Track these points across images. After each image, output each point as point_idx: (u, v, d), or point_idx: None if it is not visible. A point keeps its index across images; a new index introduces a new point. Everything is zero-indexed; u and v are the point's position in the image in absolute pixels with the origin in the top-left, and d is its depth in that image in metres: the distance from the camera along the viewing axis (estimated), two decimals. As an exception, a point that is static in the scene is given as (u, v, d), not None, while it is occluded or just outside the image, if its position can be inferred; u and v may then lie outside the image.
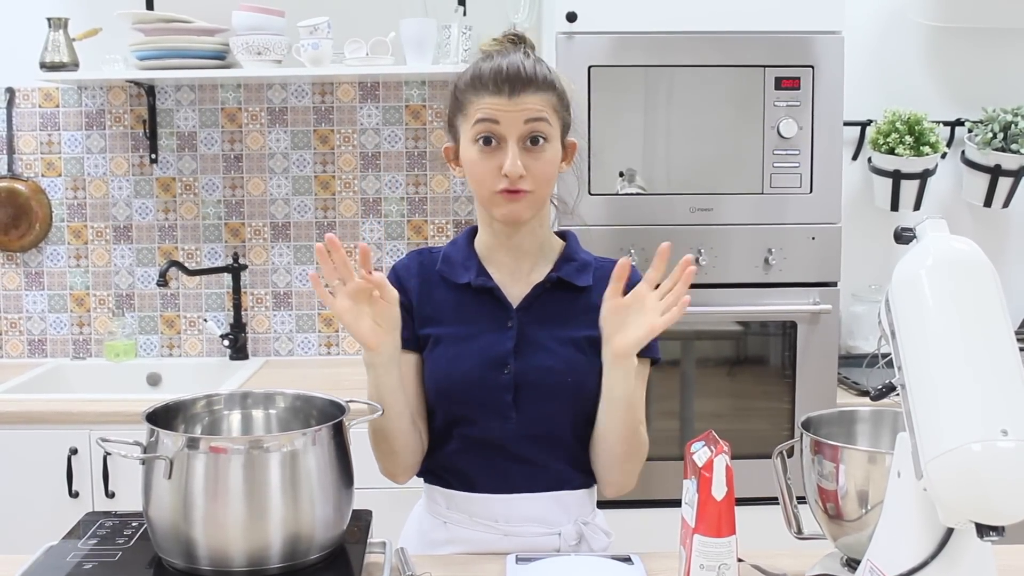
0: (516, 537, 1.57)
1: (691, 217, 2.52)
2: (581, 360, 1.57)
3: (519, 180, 1.50)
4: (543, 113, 1.51)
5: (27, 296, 3.15)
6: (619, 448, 1.56)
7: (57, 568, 1.34)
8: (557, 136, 1.55)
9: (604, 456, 1.58)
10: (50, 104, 3.09)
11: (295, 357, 3.18)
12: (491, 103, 1.50)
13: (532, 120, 1.50)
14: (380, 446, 1.58)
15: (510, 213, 1.53)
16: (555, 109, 1.54)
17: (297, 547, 1.33)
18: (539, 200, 1.55)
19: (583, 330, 1.58)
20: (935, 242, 1.17)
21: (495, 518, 1.58)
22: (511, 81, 1.50)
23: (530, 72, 1.52)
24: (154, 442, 1.34)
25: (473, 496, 1.59)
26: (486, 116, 1.51)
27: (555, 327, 1.59)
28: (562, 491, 1.60)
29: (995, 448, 1.02)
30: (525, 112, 1.50)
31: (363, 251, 1.43)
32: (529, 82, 1.51)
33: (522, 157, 1.50)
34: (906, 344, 1.14)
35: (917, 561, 1.12)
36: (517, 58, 1.53)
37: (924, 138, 2.91)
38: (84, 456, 2.51)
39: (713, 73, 2.50)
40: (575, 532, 1.60)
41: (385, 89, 3.09)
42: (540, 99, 1.52)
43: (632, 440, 1.56)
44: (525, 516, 1.58)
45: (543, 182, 1.53)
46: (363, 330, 1.45)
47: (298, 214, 3.13)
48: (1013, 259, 3.15)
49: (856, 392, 2.72)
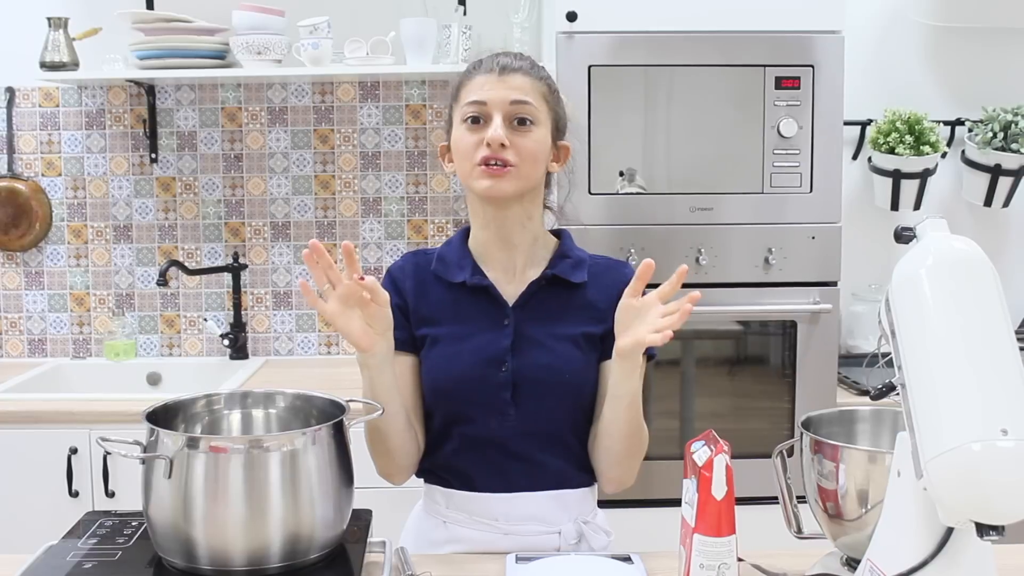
0: (516, 536, 1.57)
1: (691, 216, 2.52)
2: (578, 356, 1.59)
3: (501, 149, 1.53)
4: (529, 96, 1.56)
5: (27, 296, 3.15)
6: (621, 445, 1.57)
7: (57, 567, 1.34)
8: (546, 125, 1.59)
9: (605, 452, 1.59)
10: (50, 104, 3.09)
11: (295, 357, 3.18)
12: (481, 81, 1.57)
13: (518, 102, 1.55)
14: (376, 446, 1.59)
15: (492, 187, 1.54)
16: (544, 98, 1.58)
17: (297, 546, 1.33)
18: (522, 177, 1.55)
19: (579, 327, 1.60)
20: (935, 242, 1.17)
21: (495, 517, 1.59)
22: (501, 64, 1.57)
23: (521, 63, 1.59)
24: (154, 441, 1.34)
25: (473, 495, 1.60)
26: (475, 98, 1.56)
27: (551, 324, 1.60)
28: (562, 490, 1.61)
29: (995, 447, 1.02)
30: (512, 92, 1.55)
31: (346, 249, 1.43)
32: (519, 68, 1.58)
33: (508, 132, 1.54)
34: (906, 343, 1.14)
35: (917, 560, 1.12)
36: (512, 54, 1.61)
37: (924, 138, 2.91)
38: (84, 455, 2.51)
39: (713, 73, 2.50)
40: (575, 531, 1.60)
41: (385, 89, 3.09)
42: (528, 83, 1.57)
43: (634, 438, 1.57)
44: (525, 515, 1.58)
45: (527, 158, 1.55)
46: (354, 332, 1.46)
47: (298, 214, 3.13)
48: (1013, 259, 3.15)
49: (856, 391, 2.72)
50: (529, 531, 1.58)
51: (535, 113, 1.56)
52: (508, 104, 1.54)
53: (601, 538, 1.65)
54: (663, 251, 2.50)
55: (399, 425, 1.56)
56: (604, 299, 1.61)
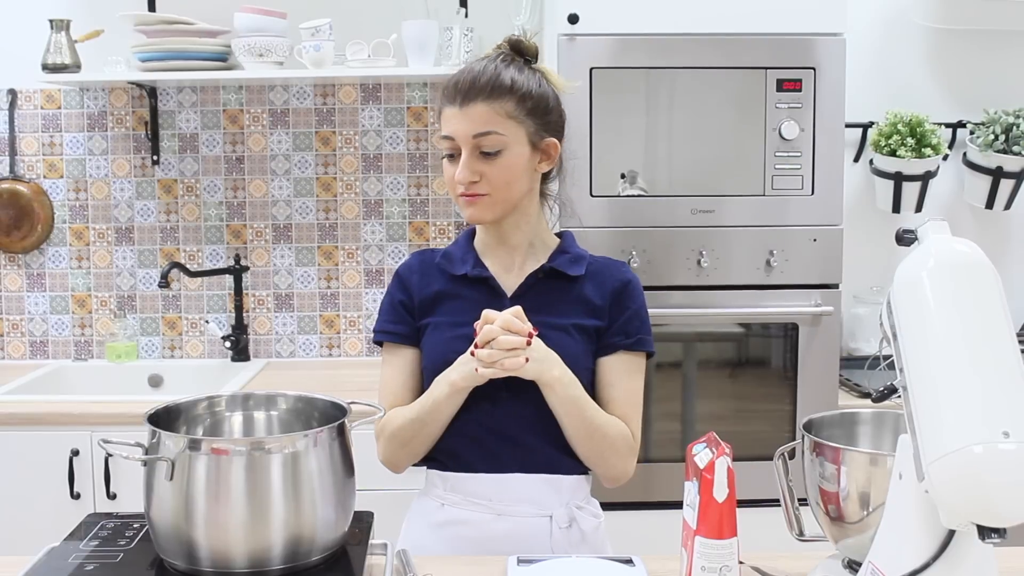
0: (508, 517, 1.62)
1: (692, 219, 2.52)
2: (571, 345, 1.63)
3: (472, 185, 1.60)
4: (490, 125, 1.59)
5: (29, 297, 3.15)
6: (581, 447, 1.63)
7: (59, 569, 1.34)
8: (516, 141, 1.61)
9: (576, 451, 1.64)
10: (52, 106, 3.09)
11: (296, 359, 3.18)
12: (448, 114, 1.61)
13: (480, 135, 1.59)
14: (407, 445, 1.65)
15: (472, 215, 1.64)
16: (509, 116, 1.60)
17: (298, 549, 1.33)
18: (499, 201, 1.62)
19: (573, 318, 1.65)
20: (937, 244, 1.17)
21: (488, 497, 1.63)
22: (463, 91, 1.60)
23: (485, 80, 1.60)
24: (156, 443, 1.34)
25: (466, 476, 1.64)
26: (445, 134, 1.62)
27: (547, 314, 1.63)
28: (554, 474, 1.64)
29: (997, 450, 1.02)
30: (473, 125, 1.59)
31: (517, 314, 1.56)
32: (480, 91, 1.59)
33: (477, 163, 1.60)
34: (908, 346, 1.14)
35: (919, 563, 1.12)
36: (480, 66, 1.62)
37: (926, 140, 2.91)
38: (86, 457, 2.51)
39: (715, 75, 2.50)
40: (566, 515, 1.64)
41: (387, 91, 3.09)
42: (488, 109, 1.59)
43: (591, 441, 1.61)
44: (517, 497, 1.62)
45: (500, 185, 1.61)
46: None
47: (300, 216, 3.13)
48: (1015, 261, 3.15)
49: (857, 394, 2.72)
50: (521, 512, 1.62)
51: (499, 140, 1.59)
52: (471, 138, 1.59)
53: (591, 521, 1.68)
54: (664, 253, 2.50)
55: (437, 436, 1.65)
56: (599, 295, 1.67)
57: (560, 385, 1.58)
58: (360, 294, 3.15)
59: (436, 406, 1.61)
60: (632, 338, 1.67)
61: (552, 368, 1.57)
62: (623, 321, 1.67)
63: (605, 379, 1.67)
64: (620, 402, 1.65)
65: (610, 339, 1.67)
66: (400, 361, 1.70)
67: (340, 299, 3.16)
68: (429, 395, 1.62)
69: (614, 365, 1.66)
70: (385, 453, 1.68)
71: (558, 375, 1.57)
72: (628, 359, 1.67)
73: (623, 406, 1.65)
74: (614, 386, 1.66)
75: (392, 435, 1.65)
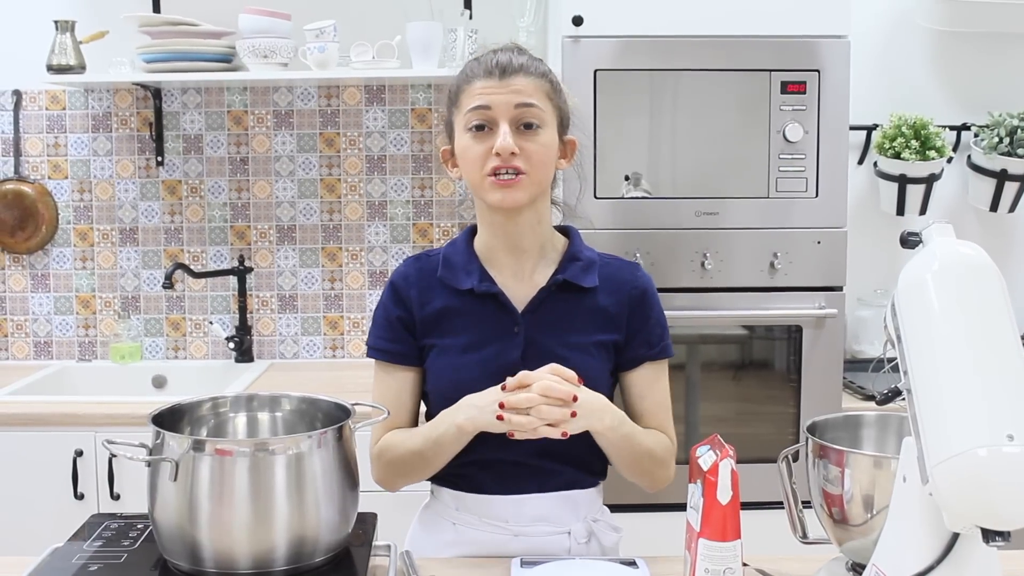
0: (526, 537, 1.56)
1: (696, 221, 2.51)
2: (592, 365, 1.55)
3: (512, 158, 1.48)
4: (534, 98, 1.51)
5: (33, 298, 3.15)
6: (628, 471, 1.58)
7: (62, 570, 1.34)
8: (552, 124, 1.54)
9: (623, 473, 1.60)
10: (57, 107, 3.10)
11: (300, 360, 3.18)
12: (482, 87, 1.51)
13: (523, 105, 1.50)
14: (406, 475, 1.59)
15: (504, 198, 1.50)
16: (548, 96, 1.54)
17: (302, 550, 1.33)
18: (534, 184, 1.52)
19: (592, 335, 1.58)
20: (941, 246, 1.17)
21: (504, 519, 1.57)
22: (501, 66, 1.51)
23: (526, 59, 1.54)
24: (160, 444, 1.34)
25: (482, 497, 1.58)
26: (478, 104, 1.50)
27: (563, 332, 1.57)
28: (571, 491, 1.60)
29: (1001, 453, 1.02)
30: (516, 95, 1.50)
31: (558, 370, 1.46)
32: (519, 68, 1.52)
33: (515, 138, 1.49)
34: (912, 348, 1.14)
35: (923, 566, 1.12)
36: (509, 49, 1.56)
37: (930, 143, 2.91)
38: (89, 458, 2.51)
39: (719, 77, 2.50)
40: (585, 530, 1.59)
41: (391, 92, 3.09)
42: (531, 83, 1.52)
43: (638, 466, 1.57)
44: (534, 516, 1.57)
45: (538, 164, 1.51)
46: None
47: (304, 217, 3.13)
48: (1019, 263, 3.15)
49: (861, 396, 2.71)
50: (539, 532, 1.57)
51: (541, 115, 1.51)
52: (513, 108, 1.49)
53: (611, 535, 1.64)
54: (669, 255, 2.50)
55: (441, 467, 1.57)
56: (614, 304, 1.59)
57: (611, 431, 1.49)
58: (364, 296, 3.15)
59: (440, 446, 1.52)
60: (656, 348, 1.61)
61: (603, 418, 1.48)
62: (646, 332, 1.60)
63: (635, 391, 1.61)
64: (653, 412, 1.61)
65: (634, 352, 1.60)
66: (396, 382, 1.62)
67: (344, 300, 3.16)
68: (433, 430, 1.52)
69: (642, 376, 1.61)
70: (381, 477, 1.60)
71: (608, 423, 1.49)
72: (654, 367, 1.61)
73: (656, 415, 1.61)
74: (645, 398, 1.61)
75: (390, 463, 1.58)
